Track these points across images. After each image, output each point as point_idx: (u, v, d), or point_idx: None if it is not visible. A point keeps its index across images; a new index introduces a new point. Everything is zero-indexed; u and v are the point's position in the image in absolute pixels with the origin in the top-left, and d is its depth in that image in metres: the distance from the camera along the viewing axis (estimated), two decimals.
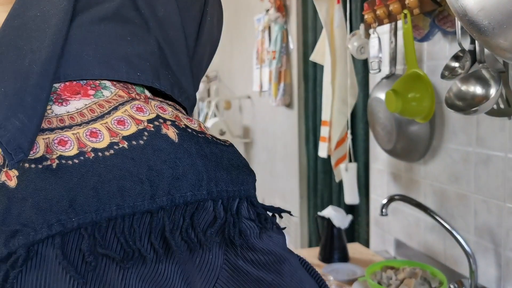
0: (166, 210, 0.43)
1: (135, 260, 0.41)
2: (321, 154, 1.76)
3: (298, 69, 2.70)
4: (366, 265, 1.53)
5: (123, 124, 0.45)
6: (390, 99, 1.22)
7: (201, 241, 0.43)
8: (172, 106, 0.51)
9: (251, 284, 0.45)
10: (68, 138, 0.44)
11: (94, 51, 0.49)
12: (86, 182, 0.42)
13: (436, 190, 1.44)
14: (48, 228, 0.40)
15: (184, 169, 0.44)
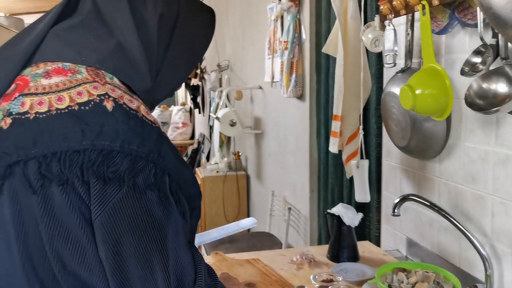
0: (88, 151, 0.65)
1: (64, 182, 0.64)
2: (332, 149, 1.71)
3: (310, 60, 2.64)
4: (377, 265, 1.48)
5: (80, 95, 0.69)
6: (405, 95, 1.16)
7: (104, 176, 0.64)
8: (123, 91, 0.72)
9: (124, 219, 0.65)
10: (44, 100, 0.68)
11: (60, 45, 0.75)
12: (46, 128, 0.66)
13: (451, 189, 1.39)
14: (17, 156, 0.65)
15: (108, 128, 0.66)
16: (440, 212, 1.26)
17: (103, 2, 0.79)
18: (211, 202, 4.12)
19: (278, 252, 1.65)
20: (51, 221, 0.65)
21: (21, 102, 0.68)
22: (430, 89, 1.16)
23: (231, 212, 4.16)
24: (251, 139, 4.03)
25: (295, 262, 1.52)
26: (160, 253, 0.67)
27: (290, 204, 2.99)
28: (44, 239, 0.65)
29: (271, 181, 3.49)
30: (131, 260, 0.65)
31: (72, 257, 0.65)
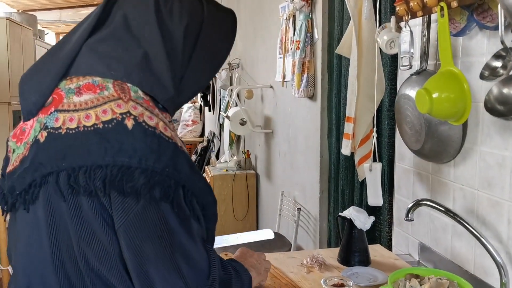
0: (109, 166, 0.74)
1: (90, 193, 0.74)
2: (344, 151, 1.68)
3: (322, 60, 2.61)
4: (388, 269, 1.46)
5: (105, 113, 0.77)
6: (421, 99, 1.14)
7: (124, 190, 0.74)
8: (144, 108, 0.80)
9: (144, 229, 0.75)
10: (74, 117, 0.78)
11: (92, 59, 0.83)
12: (74, 144, 0.76)
13: (467, 194, 1.36)
14: (51, 167, 0.76)
15: (127, 146, 0.74)
16: (455, 218, 1.23)
17: (132, 14, 0.86)
18: (220, 200, 4.11)
19: (288, 254, 1.64)
20: (79, 225, 0.76)
21: (56, 117, 0.79)
22: (448, 92, 1.13)
23: (240, 211, 4.15)
24: (261, 138, 4.01)
25: (305, 265, 1.50)
26: (176, 255, 0.76)
27: (300, 205, 2.97)
28: (73, 239, 0.77)
29: (281, 181, 3.47)
30: (151, 262, 0.75)
31: (95, 256, 0.76)
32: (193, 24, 0.87)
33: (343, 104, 2.35)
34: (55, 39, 9.35)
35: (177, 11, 0.86)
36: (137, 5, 0.86)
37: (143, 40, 0.84)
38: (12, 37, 4.29)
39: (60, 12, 7.00)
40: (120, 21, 0.85)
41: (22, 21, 4.96)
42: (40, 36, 5.66)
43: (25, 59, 4.66)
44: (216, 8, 0.93)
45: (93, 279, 0.77)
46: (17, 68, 4.42)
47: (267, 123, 3.81)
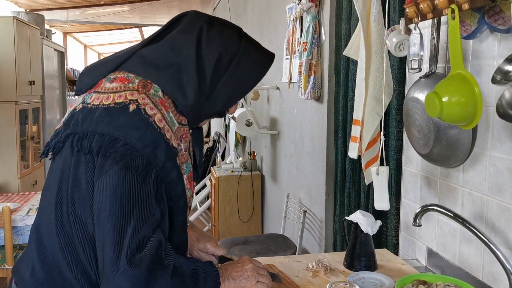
0: (104, 135, 0.94)
1: (88, 153, 0.95)
2: (351, 154, 1.67)
3: (329, 62, 2.60)
4: (395, 274, 1.44)
5: (120, 97, 0.99)
6: (431, 102, 1.12)
7: (106, 154, 0.93)
8: (153, 103, 0.99)
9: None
10: (100, 97, 1.01)
11: (137, 62, 1.07)
12: (90, 115, 0.98)
13: (476, 199, 1.34)
14: (72, 129, 0.99)
15: (122, 122, 0.95)
16: (464, 223, 1.21)
17: (180, 35, 1.07)
18: (225, 202, 4.10)
19: (294, 258, 1.62)
20: (74, 176, 0.97)
21: (91, 96, 1.03)
22: (458, 96, 1.11)
23: (245, 213, 4.14)
24: (267, 140, 4.00)
25: (311, 269, 1.49)
26: (123, 222, 0.91)
27: (305, 207, 2.95)
28: (69, 186, 0.98)
29: (286, 183, 3.45)
30: (105, 219, 0.92)
31: (78, 203, 0.97)
32: (226, 55, 1.06)
33: (350, 106, 2.33)
34: (62, 38, 9.38)
35: (215, 41, 1.06)
36: (186, 29, 1.08)
37: (181, 57, 1.04)
38: (20, 36, 4.31)
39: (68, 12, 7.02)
40: (168, 39, 1.08)
41: (29, 20, 4.98)
42: (47, 36, 5.68)
43: (32, 58, 4.67)
44: (252, 46, 1.12)
45: (77, 222, 0.98)
46: (24, 67, 4.43)
47: (273, 125, 3.80)
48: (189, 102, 1.04)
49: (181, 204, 1.04)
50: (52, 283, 1.01)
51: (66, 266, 1.00)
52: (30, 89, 4.62)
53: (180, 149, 1.05)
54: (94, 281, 1.00)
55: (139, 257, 0.92)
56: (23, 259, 1.09)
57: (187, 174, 1.08)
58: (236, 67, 1.07)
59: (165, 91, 1.03)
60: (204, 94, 1.05)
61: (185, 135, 1.08)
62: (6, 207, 2.79)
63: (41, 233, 1.04)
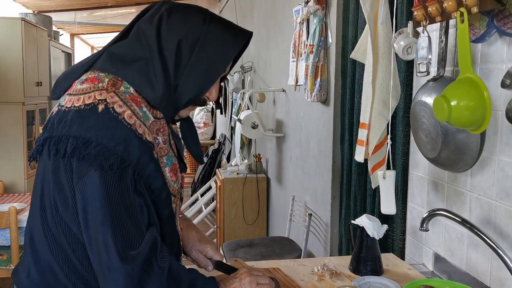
0: (77, 138, 0.95)
1: (63, 156, 0.96)
2: (357, 158, 1.65)
3: (336, 64, 2.59)
4: (401, 279, 1.43)
5: (89, 98, 0.99)
6: (440, 106, 1.11)
7: (80, 157, 0.94)
8: (123, 100, 1.00)
9: None
10: (72, 99, 1.01)
11: (106, 59, 1.08)
12: (64, 118, 0.99)
13: (484, 204, 1.33)
14: (49, 133, 1.00)
15: (92, 124, 0.96)
16: (472, 229, 1.20)
17: (143, 28, 1.06)
18: (230, 204, 4.09)
19: (299, 261, 1.61)
20: (55, 180, 0.98)
21: (64, 98, 1.04)
22: (467, 100, 1.10)
23: (250, 215, 4.13)
24: (273, 142, 3.99)
25: (316, 273, 1.48)
26: (110, 222, 0.93)
27: (311, 210, 2.94)
28: (51, 190, 0.99)
29: (292, 186, 3.44)
30: (91, 221, 0.94)
31: (61, 207, 0.99)
32: (187, 41, 1.04)
33: (357, 109, 2.32)
34: (70, 40, 9.43)
35: (175, 27, 1.04)
36: (148, 21, 1.07)
37: (147, 50, 1.04)
38: (27, 38, 4.33)
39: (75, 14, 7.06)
40: (134, 33, 1.07)
41: (37, 22, 5.00)
42: (55, 37, 5.71)
43: (39, 60, 4.69)
44: (219, 27, 1.07)
45: (62, 225, 1.00)
46: (31, 69, 4.45)
47: (279, 127, 3.79)
48: (158, 94, 1.03)
49: (163, 196, 1.05)
50: (47, 284, 1.03)
51: (58, 267, 1.01)
52: (38, 90, 4.64)
53: (158, 142, 1.05)
54: (87, 279, 1.02)
55: (133, 254, 0.94)
56: (21, 261, 1.10)
57: (169, 166, 1.08)
58: (201, 51, 1.04)
59: (134, 86, 1.02)
60: (171, 84, 1.04)
61: (163, 129, 1.08)
62: (13, 207, 2.80)
63: (33, 235, 1.05)
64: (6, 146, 4.25)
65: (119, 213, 0.94)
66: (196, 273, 1.07)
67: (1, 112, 4.23)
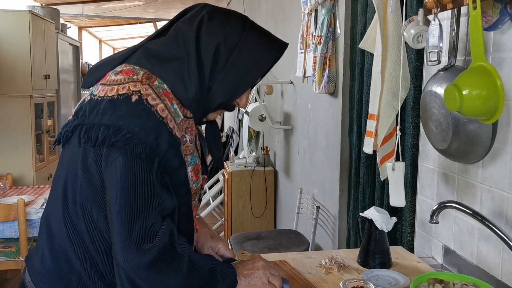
0: (109, 126, 0.96)
1: (95, 144, 0.97)
2: (366, 150, 1.63)
3: (344, 55, 2.56)
4: (410, 273, 1.41)
5: (123, 89, 1.00)
6: (451, 96, 1.08)
7: (109, 144, 0.95)
8: (156, 94, 1.01)
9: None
10: (105, 89, 1.03)
11: (142, 55, 1.08)
12: (96, 107, 1.00)
13: (495, 197, 1.30)
14: (80, 121, 1.01)
15: (125, 113, 0.97)
16: (483, 221, 1.17)
17: (182, 28, 1.07)
18: (238, 196, 4.08)
19: (306, 254, 1.60)
20: (83, 167, 0.98)
21: (97, 88, 1.05)
22: (479, 89, 1.07)
23: (258, 208, 4.12)
24: (280, 135, 3.97)
25: (324, 266, 1.46)
26: (131, 211, 0.93)
27: (319, 203, 2.92)
28: (78, 179, 0.99)
29: (300, 178, 3.42)
30: (114, 208, 0.94)
31: (89, 195, 0.99)
32: (226, 46, 1.04)
33: (365, 101, 2.29)
34: (78, 33, 9.44)
35: (215, 31, 1.04)
36: (188, 21, 1.08)
37: (183, 50, 1.04)
38: (35, 30, 4.33)
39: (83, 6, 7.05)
40: (172, 33, 1.08)
41: (45, 14, 5.00)
42: (63, 30, 5.71)
43: (47, 52, 4.70)
44: (257, 36, 1.07)
45: (84, 213, 1.00)
46: (39, 61, 4.45)
47: (287, 120, 3.76)
48: (190, 95, 1.03)
49: (183, 193, 1.05)
50: (60, 270, 1.03)
51: (73, 255, 1.01)
52: (45, 83, 4.65)
53: (185, 140, 1.05)
54: (102, 271, 1.01)
55: (150, 246, 0.93)
56: (35, 247, 1.10)
57: (192, 166, 1.08)
58: (237, 57, 1.04)
59: (167, 84, 1.03)
60: (204, 87, 1.04)
61: (191, 128, 1.08)
62: (21, 199, 2.81)
63: (50, 222, 1.06)
64: (14, 139, 4.27)
65: (140, 203, 0.94)
66: (213, 259, 1.08)
67: (10, 105, 4.25)
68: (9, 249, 2.94)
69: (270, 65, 1.11)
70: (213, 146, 1.21)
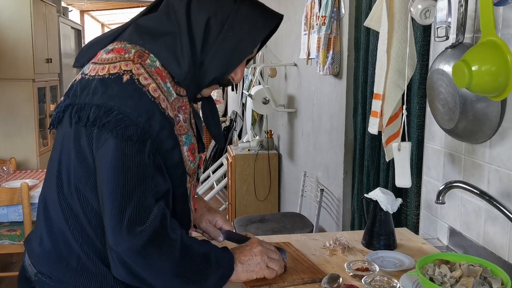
0: (100, 106, 0.94)
1: (86, 124, 0.95)
2: (371, 130, 1.60)
3: (349, 36, 2.51)
4: (415, 254, 1.39)
5: (115, 68, 0.97)
6: (459, 72, 1.05)
7: (100, 125, 0.93)
8: (148, 73, 0.98)
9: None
10: (96, 68, 0.99)
11: (133, 31, 1.05)
12: (87, 86, 0.97)
13: (503, 177, 1.27)
14: (70, 101, 0.99)
15: (116, 93, 0.94)
16: (491, 201, 1.15)
17: (174, 1, 1.04)
18: (241, 180, 4.07)
19: (310, 236, 1.58)
20: (76, 148, 0.97)
21: (89, 67, 1.02)
22: (489, 65, 1.03)
23: (262, 191, 4.11)
24: (284, 118, 3.94)
25: (328, 248, 1.44)
26: (122, 193, 0.92)
27: (323, 186, 2.91)
28: (71, 160, 0.98)
29: (304, 161, 3.40)
30: (105, 190, 0.93)
31: (82, 176, 0.97)
32: (216, 19, 1.01)
33: (370, 82, 2.25)
34: (80, 17, 9.37)
35: (205, 5, 1.02)
36: None
37: (175, 25, 1.01)
38: (36, 14, 4.28)
39: None
40: (164, 8, 1.05)
41: None
42: (64, 13, 5.66)
43: (49, 36, 4.65)
44: (250, 8, 1.04)
45: (79, 193, 0.98)
46: (40, 45, 4.42)
47: (291, 102, 3.73)
48: (183, 70, 1.01)
49: (178, 174, 1.03)
50: (59, 252, 1.02)
51: (71, 237, 1.00)
52: (48, 67, 4.62)
53: (179, 120, 1.03)
54: (101, 251, 1.00)
55: (141, 229, 0.92)
56: (34, 230, 1.09)
57: (188, 145, 1.06)
58: (229, 31, 1.01)
59: (160, 60, 1.01)
60: (197, 62, 1.02)
61: (184, 107, 1.06)
62: (25, 183, 2.81)
63: (47, 204, 1.04)
64: (18, 123, 4.26)
65: (132, 185, 0.92)
66: (209, 245, 1.06)
67: (12, 89, 4.23)
68: (13, 232, 2.95)
69: (263, 37, 1.07)
70: (211, 123, 1.18)
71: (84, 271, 1.00)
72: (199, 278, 1.01)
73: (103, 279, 1.01)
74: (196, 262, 1.00)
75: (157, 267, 0.95)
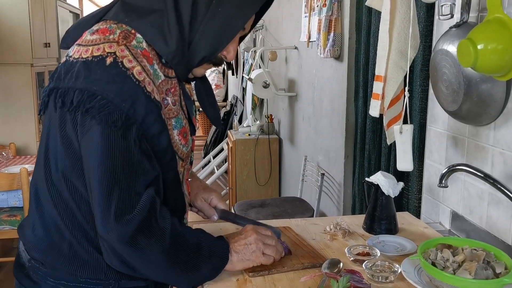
0: (83, 91, 0.90)
1: (70, 109, 0.92)
2: (372, 113, 1.57)
3: (350, 18, 2.46)
4: (417, 238, 1.37)
5: (98, 50, 0.93)
6: (464, 50, 1.01)
7: (83, 110, 0.90)
8: (133, 55, 0.94)
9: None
10: (80, 50, 0.95)
11: (119, 9, 1.00)
12: (71, 69, 0.93)
13: (507, 159, 1.24)
14: (54, 84, 0.95)
15: (99, 77, 0.90)
16: (496, 184, 1.12)
17: None
18: (242, 165, 4.05)
19: (311, 220, 1.56)
20: (61, 133, 0.94)
21: (73, 49, 0.98)
22: (495, 43, 1.00)
23: (262, 176, 4.10)
24: (285, 102, 3.90)
25: (329, 232, 1.43)
26: (108, 181, 0.90)
27: (324, 170, 2.88)
28: (58, 143, 0.95)
29: (304, 146, 3.38)
30: (92, 178, 0.91)
31: (70, 161, 0.95)
32: None
33: (372, 64, 2.21)
34: (78, 1, 9.27)
35: None
36: None
37: (162, 2, 0.96)
38: None
39: None
40: None
41: None
42: None
43: (47, 20, 4.60)
44: None
45: (67, 181, 0.96)
46: (38, 30, 4.36)
47: (291, 86, 3.69)
48: (171, 49, 0.96)
49: (167, 159, 1.00)
50: (51, 239, 1.00)
51: (62, 224, 0.99)
52: (46, 52, 4.57)
53: (167, 103, 0.99)
54: (92, 237, 0.99)
55: (129, 217, 0.90)
56: (27, 217, 1.08)
57: (178, 129, 1.02)
58: (218, 6, 0.95)
59: (146, 39, 0.96)
60: (185, 40, 0.97)
61: (173, 89, 1.02)
62: (24, 168, 2.79)
63: (38, 191, 1.03)
64: (17, 108, 4.23)
65: (118, 172, 0.90)
66: (202, 233, 1.04)
67: (11, 74, 4.19)
68: (14, 217, 2.94)
69: (254, 12, 1.01)
70: (207, 104, 1.14)
71: (76, 257, 0.99)
72: (191, 268, 0.99)
73: (96, 265, 0.99)
74: (188, 252, 0.98)
75: (147, 256, 0.93)
